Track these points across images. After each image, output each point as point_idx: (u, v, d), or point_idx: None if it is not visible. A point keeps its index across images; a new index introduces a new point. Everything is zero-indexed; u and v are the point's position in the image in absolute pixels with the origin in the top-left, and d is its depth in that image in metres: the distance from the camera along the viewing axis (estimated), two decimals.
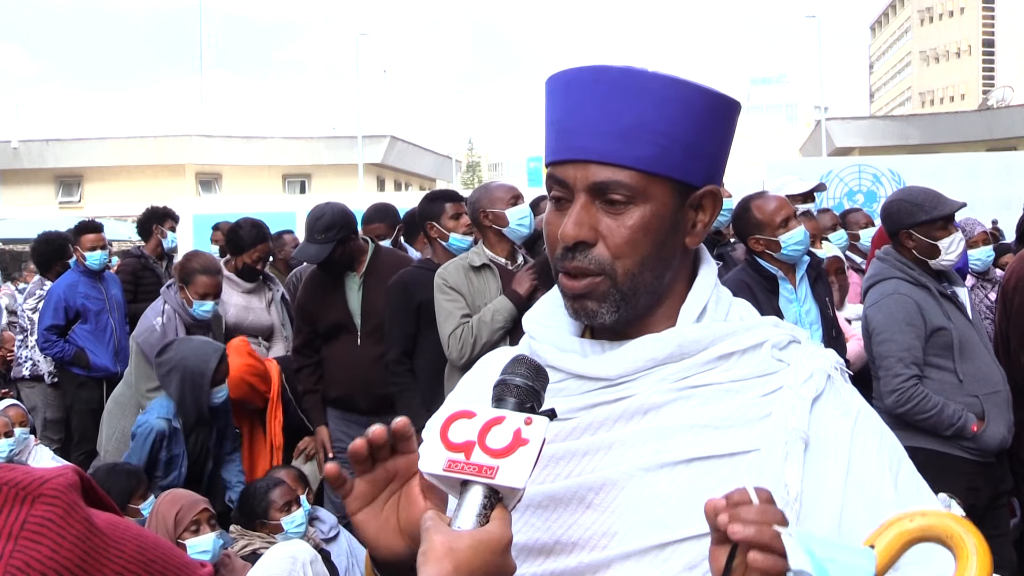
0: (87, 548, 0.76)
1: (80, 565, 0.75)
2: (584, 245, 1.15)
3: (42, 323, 6.23)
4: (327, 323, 4.63)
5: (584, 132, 1.15)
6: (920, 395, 3.60)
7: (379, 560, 1.06)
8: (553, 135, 1.20)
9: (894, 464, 1.16)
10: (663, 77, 1.14)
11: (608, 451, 1.14)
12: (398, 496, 1.05)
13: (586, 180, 1.15)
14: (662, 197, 1.16)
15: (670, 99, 1.14)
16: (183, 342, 4.42)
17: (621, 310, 1.17)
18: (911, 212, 3.76)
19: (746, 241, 3.86)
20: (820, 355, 1.21)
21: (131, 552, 0.79)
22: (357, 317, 4.58)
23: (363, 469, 1.04)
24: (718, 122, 1.18)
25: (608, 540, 1.11)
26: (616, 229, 1.15)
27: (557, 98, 1.20)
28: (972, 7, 72.80)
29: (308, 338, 4.71)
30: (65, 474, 0.78)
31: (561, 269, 1.18)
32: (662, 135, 1.14)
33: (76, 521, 0.76)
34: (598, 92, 1.14)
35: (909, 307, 3.67)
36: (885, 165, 11.85)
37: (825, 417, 1.15)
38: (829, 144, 35.13)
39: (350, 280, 4.62)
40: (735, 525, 0.92)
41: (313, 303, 4.68)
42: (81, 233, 6.31)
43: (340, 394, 4.61)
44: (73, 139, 36.28)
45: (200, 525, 3.41)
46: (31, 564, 0.73)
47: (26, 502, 0.76)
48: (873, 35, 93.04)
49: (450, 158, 46.55)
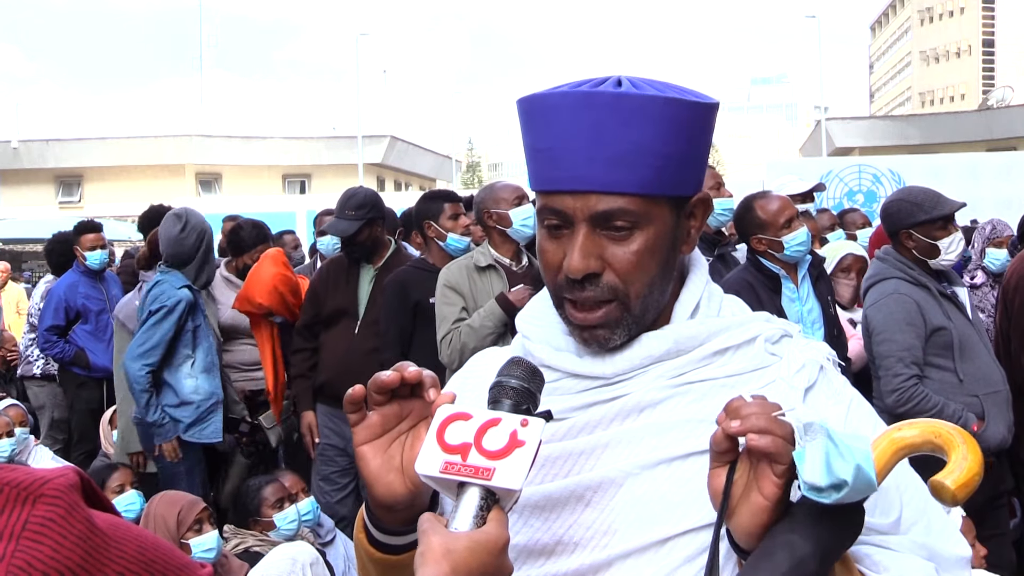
0: (88, 548, 0.76)
1: (82, 565, 0.75)
2: (592, 275, 1.14)
3: (42, 323, 6.25)
4: (331, 307, 4.68)
5: (580, 161, 1.11)
6: (920, 395, 3.61)
7: (375, 499, 1.06)
8: (543, 163, 1.15)
9: None
10: (655, 97, 1.11)
11: (605, 450, 1.14)
12: (406, 436, 1.06)
13: (587, 210, 1.12)
14: (662, 216, 1.15)
15: (663, 118, 1.11)
16: (195, 214, 4.75)
17: (632, 331, 1.17)
18: (911, 212, 3.77)
19: (748, 240, 3.86)
20: (812, 347, 1.22)
21: (132, 552, 0.80)
22: (362, 306, 4.63)
23: (381, 401, 1.05)
24: (705, 131, 1.18)
25: (609, 539, 1.11)
26: (622, 256, 1.14)
27: (540, 123, 1.15)
28: (972, 7, 72.81)
29: (311, 320, 4.76)
30: (66, 474, 0.79)
31: (569, 299, 1.17)
32: (658, 155, 1.12)
33: (77, 521, 0.76)
34: (591, 118, 1.10)
35: (909, 307, 3.68)
36: (885, 165, 11.86)
37: (818, 405, 1.15)
38: (829, 144, 35.13)
39: (365, 271, 4.69)
40: (733, 423, 0.98)
41: (324, 286, 4.75)
42: (81, 233, 6.32)
43: (329, 378, 4.60)
44: (73, 139, 36.27)
45: (202, 524, 3.43)
46: (33, 564, 0.73)
47: (27, 502, 0.76)
48: (873, 35, 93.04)
49: (450, 158, 46.55)
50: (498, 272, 3.95)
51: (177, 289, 4.54)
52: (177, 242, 4.62)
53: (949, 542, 1.13)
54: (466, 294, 3.91)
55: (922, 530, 1.11)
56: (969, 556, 1.14)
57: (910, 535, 1.10)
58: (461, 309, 3.88)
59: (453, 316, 3.87)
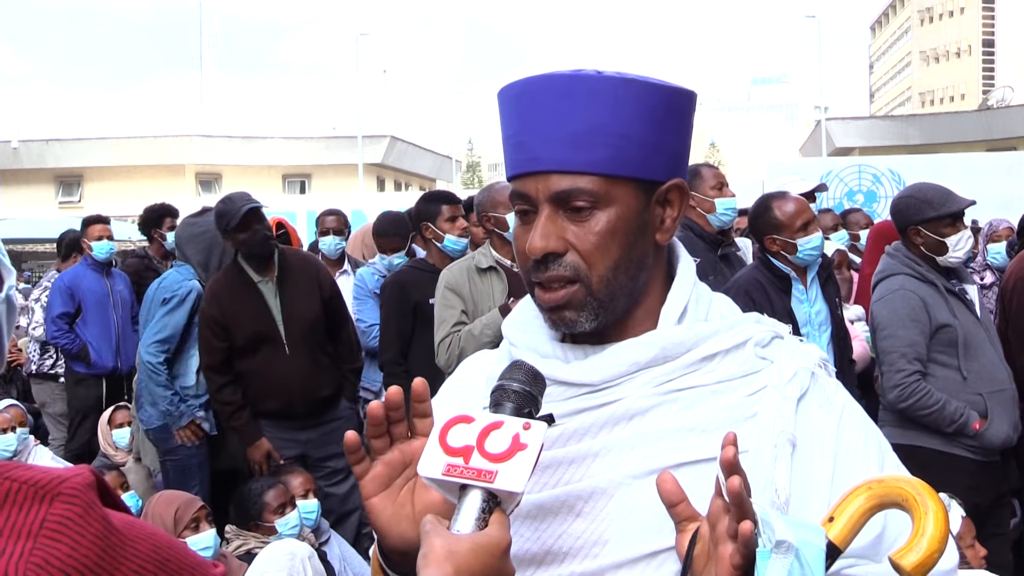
0: (105, 547, 0.77)
1: (98, 563, 0.76)
2: (554, 255, 1.14)
3: (51, 312, 6.19)
4: (246, 334, 4.35)
5: (539, 143, 1.14)
6: (922, 391, 3.61)
7: (389, 548, 1.06)
8: (510, 149, 1.18)
9: (878, 459, 1.17)
10: (611, 78, 1.13)
11: (595, 458, 1.13)
12: (413, 482, 1.05)
13: (547, 191, 1.14)
14: (626, 198, 1.15)
15: (620, 99, 1.12)
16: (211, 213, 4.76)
17: (600, 317, 1.16)
18: (919, 208, 3.77)
19: (762, 239, 3.85)
20: (803, 351, 1.21)
21: (147, 551, 0.80)
22: (280, 325, 4.37)
23: (378, 433, 1.04)
24: (673, 116, 1.17)
25: (600, 549, 1.11)
26: (584, 236, 1.14)
27: (510, 111, 1.18)
28: (972, 7, 72.78)
29: (225, 354, 4.36)
30: (82, 473, 0.79)
31: (535, 280, 1.17)
32: (616, 136, 1.12)
33: (94, 520, 0.77)
34: (548, 101, 1.13)
35: (914, 303, 3.68)
36: (885, 165, 11.86)
37: (811, 416, 1.15)
38: (829, 144, 35.12)
39: (264, 287, 4.39)
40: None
41: (226, 314, 4.33)
42: (88, 224, 6.33)
43: (278, 406, 4.36)
44: (73, 139, 36.26)
45: (200, 522, 3.45)
46: (50, 562, 0.74)
47: (44, 501, 0.76)
48: (873, 35, 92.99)
49: (450, 158, 46.51)
50: (499, 274, 3.95)
51: (188, 281, 4.68)
52: (189, 237, 4.80)
53: None
54: (466, 296, 3.90)
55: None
56: (954, 565, 1.12)
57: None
58: (460, 312, 3.88)
59: (452, 319, 3.87)
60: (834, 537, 0.96)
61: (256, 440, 4.37)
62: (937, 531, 0.93)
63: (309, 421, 4.44)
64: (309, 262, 4.73)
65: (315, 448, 4.47)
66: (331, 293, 4.61)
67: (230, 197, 4.45)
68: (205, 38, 55.74)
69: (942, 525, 0.94)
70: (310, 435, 4.46)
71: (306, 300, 4.45)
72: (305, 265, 4.61)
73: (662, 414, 1.14)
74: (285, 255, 4.55)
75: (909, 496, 0.96)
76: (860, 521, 0.97)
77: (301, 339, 4.38)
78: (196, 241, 4.79)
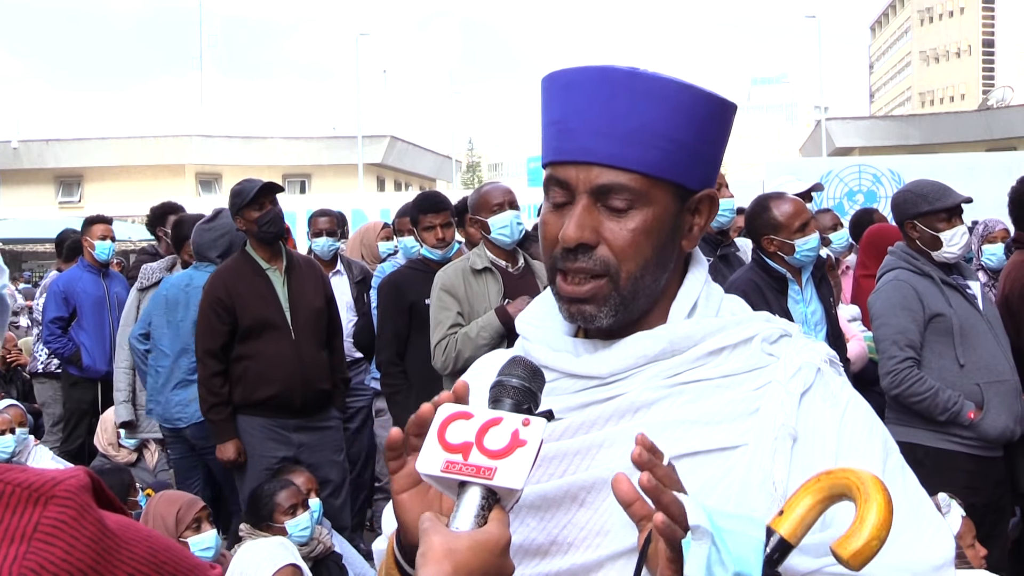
0: (100, 549, 0.76)
1: (93, 567, 0.75)
2: (586, 247, 1.15)
3: (46, 316, 6.20)
4: (253, 317, 4.35)
5: (588, 133, 1.14)
6: (914, 377, 3.65)
7: (411, 545, 1.04)
8: (554, 135, 1.18)
9: (882, 454, 1.16)
10: (670, 81, 1.14)
11: (600, 450, 1.14)
12: None
13: (589, 182, 1.14)
14: (664, 201, 1.16)
15: (676, 103, 1.13)
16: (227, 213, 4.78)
17: (619, 314, 1.17)
18: (915, 203, 3.83)
19: (759, 239, 3.86)
20: (810, 349, 1.21)
21: (143, 553, 0.80)
22: (287, 312, 4.41)
23: (419, 432, 1.02)
24: (718, 126, 1.19)
25: (601, 539, 1.11)
26: (618, 232, 1.15)
27: (557, 98, 1.18)
28: (972, 7, 72.79)
29: (225, 339, 4.34)
30: (77, 475, 0.79)
31: (561, 269, 1.18)
32: (667, 139, 1.13)
33: (89, 523, 0.76)
34: (603, 93, 1.13)
35: (906, 292, 3.74)
36: (885, 165, 11.84)
37: (813, 410, 1.15)
38: (829, 144, 35.11)
39: (272, 274, 4.44)
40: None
41: (233, 296, 4.33)
42: (91, 224, 6.32)
43: (275, 392, 4.32)
44: (73, 139, 36.22)
45: (201, 523, 3.44)
46: (45, 566, 0.73)
47: (39, 503, 0.76)
48: (873, 35, 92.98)
49: (450, 158, 46.50)
50: (494, 274, 3.94)
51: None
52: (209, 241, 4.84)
53: (927, 551, 1.09)
54: (461, 297, 3.89)
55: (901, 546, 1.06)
56: (950, 559, 1.10)
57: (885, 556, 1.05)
58: (456, 314, 3.87)
59: (448, 321, 3.86)
60: (784, 532, 0.95)
61: (229, 439, 4.34)
62: (878, 519, 0.93)
63: (302, 419, 4.42)
64: (313, 264, 4.84)
65: (307, 454, 4.45)
66: (330, 299, 4.69)
67: (248, 179, 4.53)
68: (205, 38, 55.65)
69: (883, 514, 0.93)
70: (302, 438, 4.44)
71: (312, 292, 4.53)
72: (310, 265, 4.74)
73: (667, 407, 1.15)
74: (291, 253, 4.64)
75: (853, 485, 0.96)
76: (809, 515, 0.97)
77: (306, 327, 4.43)
78: (215, 243, 4.82)
